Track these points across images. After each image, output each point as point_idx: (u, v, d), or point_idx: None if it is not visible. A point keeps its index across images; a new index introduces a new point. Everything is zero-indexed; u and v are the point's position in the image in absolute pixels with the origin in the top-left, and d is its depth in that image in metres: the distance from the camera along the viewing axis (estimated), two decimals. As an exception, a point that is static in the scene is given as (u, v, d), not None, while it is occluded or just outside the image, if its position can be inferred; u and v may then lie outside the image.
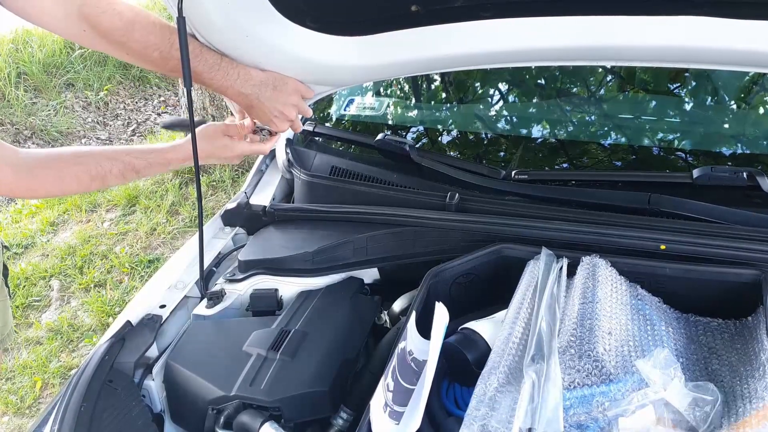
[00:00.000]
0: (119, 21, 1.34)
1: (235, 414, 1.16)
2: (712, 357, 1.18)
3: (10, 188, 1.29)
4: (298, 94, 1.50)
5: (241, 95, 1.43)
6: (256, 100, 1.44)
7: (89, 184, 1.36)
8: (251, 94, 1.43)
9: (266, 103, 1.45)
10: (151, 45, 1.37)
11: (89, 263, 3.69)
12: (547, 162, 1.83)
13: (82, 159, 1.35)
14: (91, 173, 1.35)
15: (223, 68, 1.40)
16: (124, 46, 1.37)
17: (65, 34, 1.39)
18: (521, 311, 1.18)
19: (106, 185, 1.39)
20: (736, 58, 1.25)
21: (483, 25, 1.29)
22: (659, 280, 1.29)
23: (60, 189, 1.35)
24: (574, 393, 1.01)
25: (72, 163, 1.34)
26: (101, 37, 1.36)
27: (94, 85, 5.69)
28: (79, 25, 1.34)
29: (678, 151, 1.75)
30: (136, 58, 1.41)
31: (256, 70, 1.43)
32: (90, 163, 1.35)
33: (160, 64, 1.40)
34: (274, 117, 1.48)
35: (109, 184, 1.39)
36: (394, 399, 1.07)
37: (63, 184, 1.33)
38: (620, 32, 1.22)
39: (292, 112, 1.50)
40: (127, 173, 1.40)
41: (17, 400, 2.82)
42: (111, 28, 1.34)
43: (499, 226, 1.46)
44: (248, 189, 1.88)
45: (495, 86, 2.11)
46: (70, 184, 1.34)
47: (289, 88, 1.48)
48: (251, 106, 1.47)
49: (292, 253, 1.52)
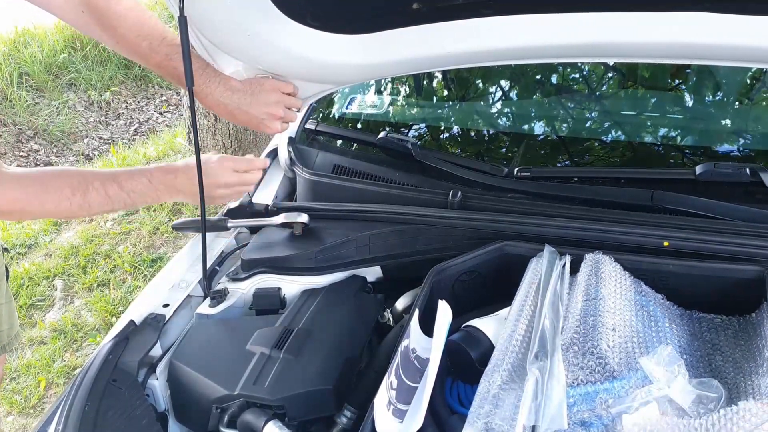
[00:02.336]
0: (117, 5, 1.36)
1: (239, 413, 1.16)
2: (716, 353, 1.18)
3: None
4: (278, 91, 1.50)
5: (220, 104, 1.44)
6: (236, 109, 1.45)
7: (70, 197, 1.31)
8: (230, 104, 1.44)
9: (249, 110, 1.46)
10: (142, 35, 1.37)
11: (92, 263, 3.70)
12: (550, 159, 1.83)
13: (63, 174, 1.34)
14: (71, 186, 1.31)
15: (207, 73, 1.41)
16: (116, 32, 1.38)
17: (64, 15, 1.39)
18: (524, 309, 1.18)
19: (87, 203, 1.33)
20: (738, 54, 1.24)
21: (485, 23, 1.28)
22: (662, 276, 1.29)
23: (42, 201, 1.31)
24: (578, 390, 1.01)
25: (55, 176, 1.33)
26: (97, 19, 1.37)
27: (96, 84, 5.69)
28: (78, 6, 1.35)
29: (680, 148, 1.75)
30: (124, 47, 1.42)
31: (235, 80, 1.45)
32: (72, 177, 1.33)
33: (146, 57, 1.41)
34: (263, 120, 1.49)
35: (90, 201, 1.33)
36: (398, 397, 1.07)
37: (47, 194, 1.30)
38: (622, 29, 1.22)
39: (278, 109, 1.49)
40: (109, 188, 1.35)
41: (22, 399, 2.82)
42: (107, 9, 1.35)
43: (502, 223, 1.45)
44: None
45: (497, 83, 2.10)
46: (53, 195, 1.31)
47: (266, 87, 1.48)
48: (233, 116, 1.48)
49: (295, 251, 1.52)
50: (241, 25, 1.34)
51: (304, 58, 1.44)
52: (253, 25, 1.35)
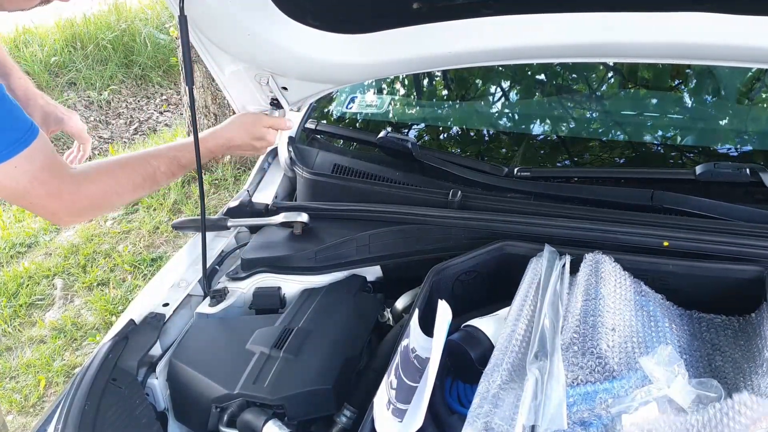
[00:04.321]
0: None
1: (239, 412, 1.16)
2: (716, 354, 1.18)
3: (73, 201, 1.31)
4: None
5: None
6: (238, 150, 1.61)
7: (142, 184, 1.39)
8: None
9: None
10: None
11: (92, 262, 3.70)
12: (550, 159, 1.83)
13: (130, 161, 1.39)
14: (142, 174, 1.38)
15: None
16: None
17: None
18: (524, 308, 1.18)
19: (157, 184, 1.43)
20: (739, 54, 1.24)
21: (485, 22, 1.28)
22: (662, 276, 1.29)
23: (117, 194, 1.37)
24: (578, 390, 1.01)
25: (122, 166, 1.38)
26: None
27: (96, 84, 5.69)
28: None
29: (680, 148, 1.75)
30: None
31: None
32: (138, 164, 1.39)
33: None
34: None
35: (159, 182, 1.43)
36: (398, 396, 1.07)
37: (119, 188, 1.35)
38: (622, 29, 1.22)
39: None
40: (174, 168, 1.44)
41: (21, 398, 2.82)
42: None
43: (502, 223, 1.45)
44: (251, 187, 1.89)
45: (497, 83, 2.10)
46: (126, 187, 1.36)
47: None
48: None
49: (295, 251, 1.52)
50: (241, 24, 1.34)
51: (304, 57, 1.44)
52: (253, 25, 1.35)
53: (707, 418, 0.89)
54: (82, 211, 1.38)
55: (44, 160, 1.24)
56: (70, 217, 1.41)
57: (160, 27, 6.19)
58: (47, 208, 1.31)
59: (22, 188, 1.23)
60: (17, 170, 1.20)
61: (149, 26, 6.16)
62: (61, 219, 1.37)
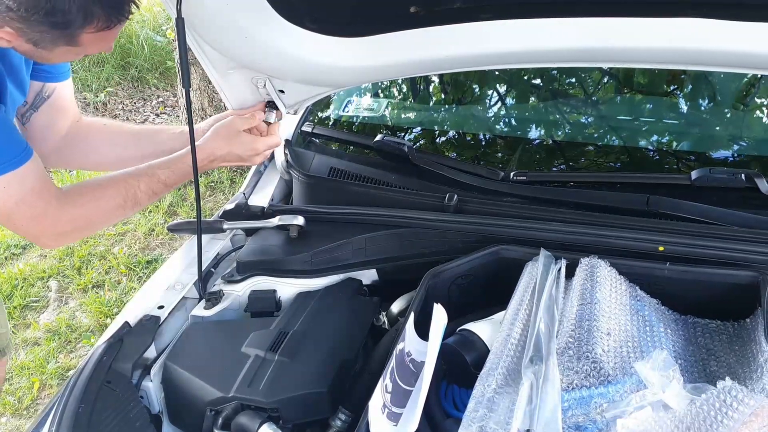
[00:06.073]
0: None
1: (234, 415, 1.16)
2: (711, 358, 1.18)
3: (55, 225, 1.31)
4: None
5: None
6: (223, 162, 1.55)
7: (123, 205, 1.39)
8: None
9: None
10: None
11: (87, 264, 3.69)
12: (546, 163, 1.83)
13: (111, 182, 1.39)
14: (123, 195, 1.38)
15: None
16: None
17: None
18: (520, 312, 1.18)
19: (138, 204, 1.42)
20: (734, 60, 1.25)
21: (482, 27, 1.29)
22: (658, 281, 1.29)
23: (99, 217, 1.38)
24: (573, 394, 1.01)
25: (104, 188, 1.38)
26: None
27: (92, 85, 5.68)
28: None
29: (676, 153, 1.75)
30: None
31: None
32: (119, 185, 1.39)
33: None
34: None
35: (140, 202, 1.42)
36: (393, 400, 1.07)
37: (100, 210, 1.36)
38: (618, 34, 1.22)
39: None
40: (155, 186, 1.43)
41: (15, 401, 2.81)
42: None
43: (498, 227, 1.46)
44: (247, 190, 1.88)
45: (493, 88, 2.11)
46: (106, 209, 1.37)
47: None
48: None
49: (291, 254, 1.52)
50: (238, 27, 1.34)
51: (301, 60, 1.44)
52: (250, 28, 1.35)
53: (695, 411, 0.90)
54: (65, 235, 1.39)
55: (35, 181, 1.24)
56: (52, 240, 1.42)
57: (157, 29, 6.18)
58: (29, 231, 1.32)
59: (8, 209, 1.23)
60: (5, 190, 1.20)
61: (146, 28, 6.15)
62: (44, 242, 1.38)
